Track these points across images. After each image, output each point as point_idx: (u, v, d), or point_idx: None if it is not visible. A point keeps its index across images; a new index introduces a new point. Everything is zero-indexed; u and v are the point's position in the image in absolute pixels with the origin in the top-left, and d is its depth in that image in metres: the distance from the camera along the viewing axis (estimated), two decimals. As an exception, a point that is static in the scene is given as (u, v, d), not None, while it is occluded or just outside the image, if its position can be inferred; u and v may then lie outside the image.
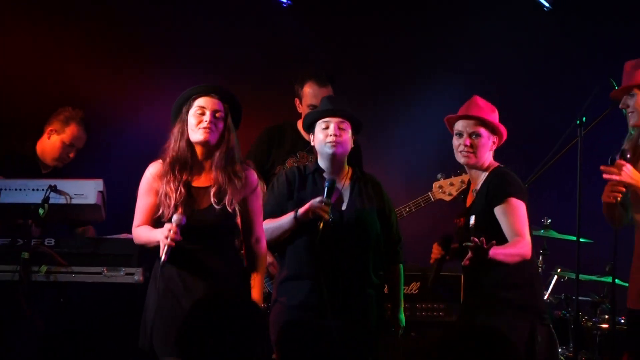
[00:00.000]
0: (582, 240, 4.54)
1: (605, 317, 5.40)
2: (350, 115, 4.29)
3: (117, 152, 5.95)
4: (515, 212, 4.05)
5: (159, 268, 3.98)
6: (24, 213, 4.63)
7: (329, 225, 4.14)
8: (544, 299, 4.68)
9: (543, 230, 5.50)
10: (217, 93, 4.07)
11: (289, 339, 4.19)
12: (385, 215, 4.35)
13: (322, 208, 4.14)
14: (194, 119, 4.04)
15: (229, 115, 4.08)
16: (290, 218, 4.21)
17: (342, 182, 4.34)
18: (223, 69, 6.15)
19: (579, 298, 4.75)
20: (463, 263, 3.86)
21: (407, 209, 5.11)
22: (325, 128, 4.25)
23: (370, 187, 4.36)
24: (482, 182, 4.20)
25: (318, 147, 4.31)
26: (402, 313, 4.38)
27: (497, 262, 3.90)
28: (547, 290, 5.48)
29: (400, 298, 4.39)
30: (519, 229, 4.02)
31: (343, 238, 4.21)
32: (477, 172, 4.23)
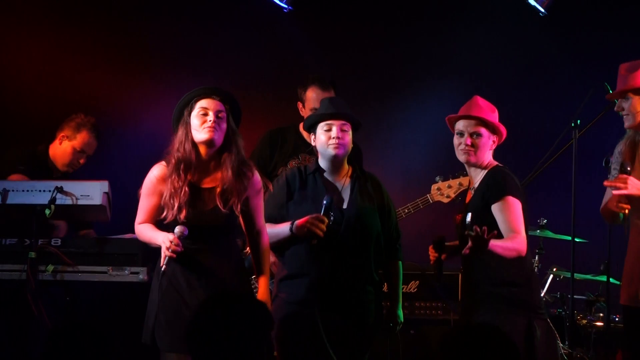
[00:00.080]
0: (577, 240, 4.60)
1: (600, 315, 5.42)
2: (352, 117, 4.31)
3: (122, 154, 5.97)
4: (512, 209, 4.07)
5: (160, 274, 4.02)
6: (31, 214, 4.65)
7: (321, 240, 4.15)
8: (541, 296, 4.72)
9: (539, 231, 5.49)
10: (218, 94, 4.08)
11: (288, 334, 4.19)
12: (385, 212, 4.36)
13: (317, 225, 4.14)
14: (198, 120, 4.04)
15: (230, 116, 4.11)
16: (287, 229, 4.22)
17: (342, 180, 4.35)
18: (225, 73, 6.15)
19: (574, 296, 4.76)
20: (463, 252, 3.87)
21: (405, 211, 5.10)
22: (328, 130, 4.26)
23: (370, 184, 4.37)
24: (480, 180, 4.21)
25: (320, 148, 4.32)
26: (400, 309, 4.39)
27: (494, 254, 3.93)
28: (543, 289, 5.45)
29: (399, 294, 4.39)
30: (515, 226, 4.05)
31: (345, 236, 4.22)
32: (476, 170, 4.24)
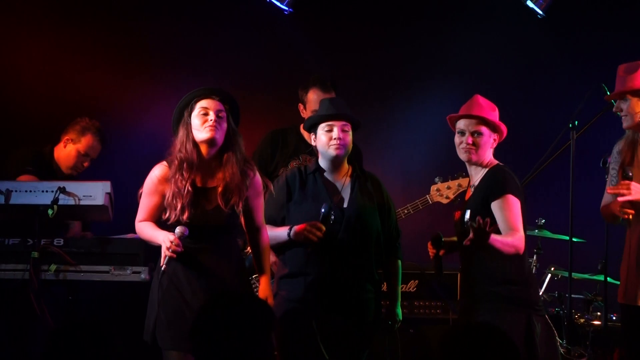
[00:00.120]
0: (574, 240, 4.66)
1: (598, 314, 5.43)
2: (352, 117, 4.33)
3: (124, 154, 5.97)
4: (511, 207, 4.10)
5: (160, 274, 4.04)
6: (34, 214, 4.67)
7: (319, 245, 4.17)
8: (539, 293, 4.74)
9: (537, 230, 5.52)
10: (217, 94, 4.11)
11: (288, 332, 4.21)
12: (385, 211, 4.38)
13: (314, 233, 4.16)
14: (198, 120, 4.06)
15: (230, 116, 4.13)
16: (285, 234, 4.25)
17: (342, 179, 4.37)
18: (225, 73, 6.16)
19: (572, 296, 4.81)
20: (464, 242, 3.89)
21: (405, 212, 5.12)
22: (329, 131, 4.29)
23: (370, 183, 4.40)
24: (481, 178, 4.24)
25: (321, 148, 4.34)
26: (399, 307, 4.40)
27: (493, 249, 3.96)
28: (541, 288, 5.48)
29: (398, 292, 4.41)
30: (514, 224, 4.08)
31: (345, 235, 4.24)
32: (477, 168, 4.27)
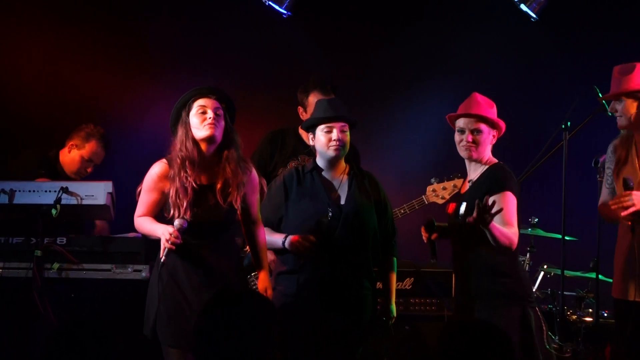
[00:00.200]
0: (567, 238, 4.73)
1: (590, 310, 5.46)
2: (350, 118, 4.37)
3: (124, 154, 6.00)
4: (508, 204, 4.17)
5: (159, 266, 4.10)
6: (37, 213, 4.74)
7: (322, 238, 4.23)
8: (531, 287, 4.81)
9: (530, 229, 5.55)
10: (214, 93, 4.18)
11: (285, 327, 4.19)
12: (382, 209, 4.42)
13: (306, 247, 4.22)
14: (197, 118, 4.13)
15: (227, 114, 4.20)
16: (279, 243, 4.30)
17: (340, 177, 4.41)
18: (225, 73, 6.20)
19: (565, 293, 4.88)
20: (468, 220, 4.00)
21: (401, 211, 5.15)
22: (329, 132, 4.31)
23: (367, 181, 4.43)
24: (480, 174, 4.32)
25: (319, 148, 4.36)
26: (393, 304, 4.42)
27: (491, 234, 4.05)
28: (534, 286, 5.50)
29: (393, 289, 4.43)
30: (510, 219, 4.16)
31: (343, 232, 4.28)
32: (476, 165, 4.35)
